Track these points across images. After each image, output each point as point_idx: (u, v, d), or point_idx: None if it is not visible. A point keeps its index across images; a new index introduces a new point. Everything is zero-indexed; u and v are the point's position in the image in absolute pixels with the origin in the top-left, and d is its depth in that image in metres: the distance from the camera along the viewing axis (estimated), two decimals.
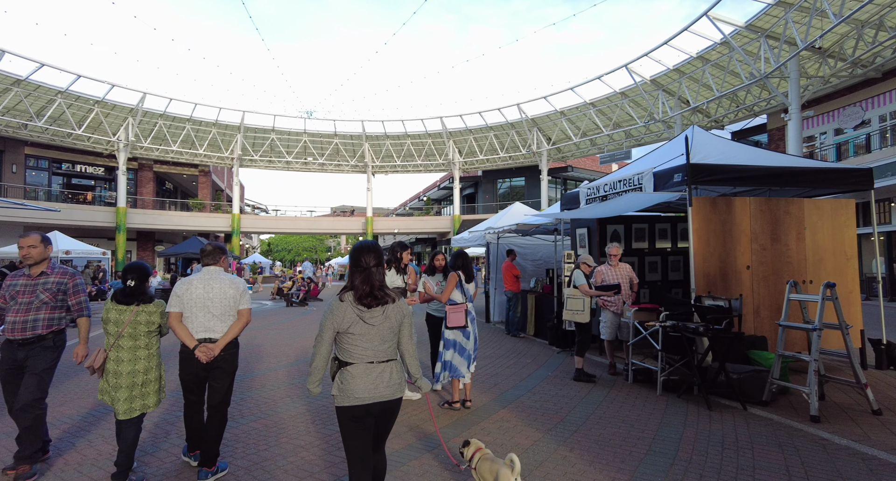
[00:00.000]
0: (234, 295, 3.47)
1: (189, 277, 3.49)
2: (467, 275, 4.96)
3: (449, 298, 4.84)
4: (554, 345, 8.36)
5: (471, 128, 30.75)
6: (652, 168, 6.35)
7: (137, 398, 3.27)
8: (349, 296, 2.51)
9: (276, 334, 10.06)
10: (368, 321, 2.49)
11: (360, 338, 2.48)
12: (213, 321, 3.38)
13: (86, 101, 25.73)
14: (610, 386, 5.72)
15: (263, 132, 31.55)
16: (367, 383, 2.45)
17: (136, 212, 29.30)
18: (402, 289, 5.10)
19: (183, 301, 3.37)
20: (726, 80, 20.51)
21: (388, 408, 2.53)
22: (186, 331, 3.35)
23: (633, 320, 5.88)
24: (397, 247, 5.19)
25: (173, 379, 4.78)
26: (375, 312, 2.51)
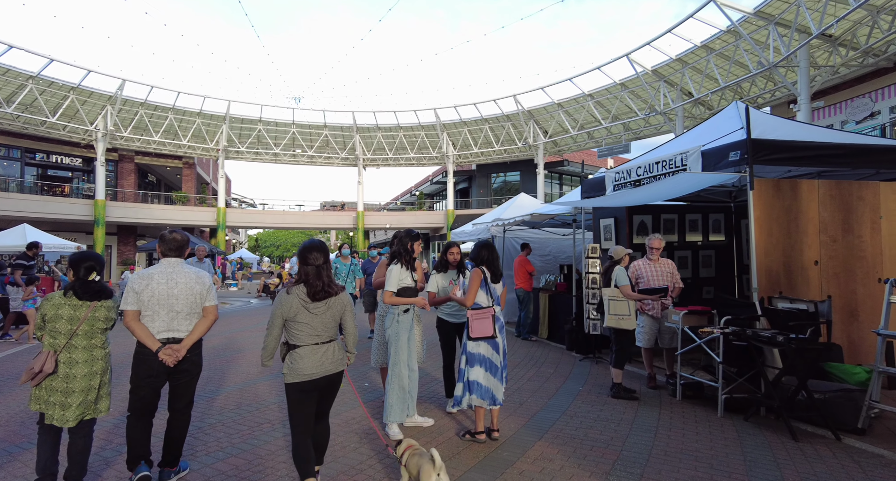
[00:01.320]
0: (200, 291, 3.14)
1: (147, 270, 3.10)
2: (494, 272, 3.94)
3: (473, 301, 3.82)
4: (574, 351, 7.39)
5: (465, 121, 29.67)
6: (699, 146, 5.37)
7: (91, 403, 2.92)
8: (299, 289, 2.84)
9: (260, 336, 8.96)
10: (312, 311, 2.84)
11: (305, 326, 2.84)
12: (177, 320, 3.06)
13: (60, 87, 24.17)
14: (657, 405, 4.74)
15: (250, 123, 30.16)
16: (314, 361, 2.83)
17: (117, 206, 27.81)
18: (413, 289, 4.07)
19: (142, 298, 2.99)
20: (731, 70, 19.68)
21: (333, 381, 2.93)
22: (146, 331, 2.99)
23: (682, 325, 4.92)
24: (405, 237, 4.14)
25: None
26: (319, 304, 2.85)
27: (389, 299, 3.94)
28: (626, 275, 5.13)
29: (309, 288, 2.83)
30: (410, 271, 4.08)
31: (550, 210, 7.77)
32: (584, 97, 25.41)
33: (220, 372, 6.27)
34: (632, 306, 5.05)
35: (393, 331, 4.02)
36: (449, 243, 4.66)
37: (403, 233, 4.18)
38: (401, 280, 3.98)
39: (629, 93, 23.94)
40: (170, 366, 2.99)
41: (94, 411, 2.94)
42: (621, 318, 5.04)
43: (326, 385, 2.90)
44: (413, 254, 4.12)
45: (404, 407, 3.95)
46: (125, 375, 3.46)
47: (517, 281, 8.40)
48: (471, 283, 3.81)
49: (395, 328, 4.02)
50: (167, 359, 2.96)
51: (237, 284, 24.97)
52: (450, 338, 4.60)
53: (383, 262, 4.94)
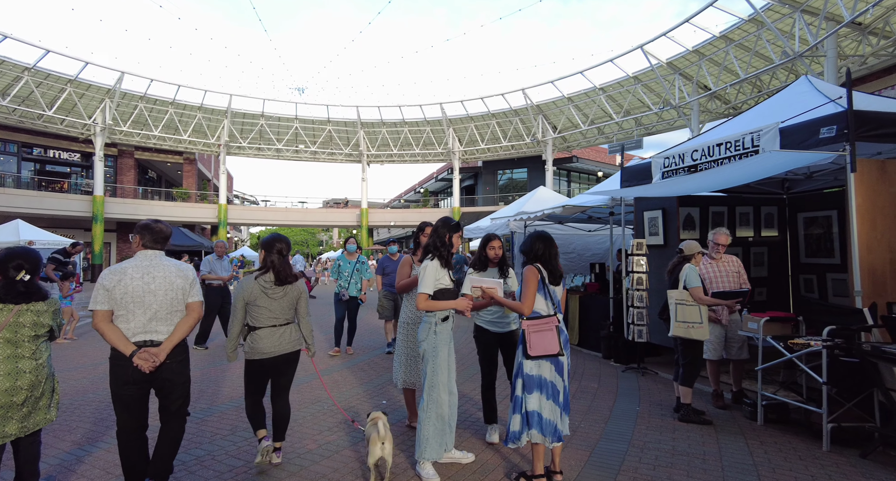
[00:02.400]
0: (183, 285, 2.80)
1: (120, 265, 2.74)
2: (552, 271, 3.09)
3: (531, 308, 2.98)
4: (612, 360, 6.53)
5: (472, 116, 28.80)
6: (776, 123, 4.51)
7: (25, 417, 2.54)
8: (268, 276, 3.20)
9: None
10: (271, 296, 3.19)
11: (264, 309, 3.18)
12: (155, 320, 2.71)
13: (57, 80, 23.32)
14: (738, 432, 3.89)
15: (252, 117, 29.31)
16: (273, 341, 3.18)
17: (116, 202, 26.99)
18: (453, 290, 3.22)
19: (114, 295, 2.64)
20: (751, 62, 18.76)
21: (289, 358, 3.28)
22: (119, 334, 2.64)
23: (763, 335, 4.07)
24: (443, 228, 3.27)
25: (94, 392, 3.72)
26: (277, 290, 3.20)
27: (425, 303, 3.09)
28: (698, 275, 4.28)
29: (277, 274, 3.18)
30: (448, 270, 3.24)
31: (585, 201, 6.91)
32: (595, 91, 24.52)
33: (215, 384, 5.43)
34: (704, 312, 4.19)
35: (430, 344, 3.18)
36: (488, 236, 3.82)
37: (440, 222, 3.32)
38: (438, 280, 3.13)
39: (642, 86, 23.04)
40: (146, 373, 2.63)
41: (35, 424, 2.59)
42: (691, 327, 4.19)
43: (283, 362, 3.25)
44: (452, 249, 3.27)
45: (442, 441, 3.11)
46: None
47: None
48: (526, 285, 2.96)
49: (432, 341, 3.18)
50: (143, 365, 2.59)
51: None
52: (490, 352, 3.76)
53: (406, 260, 4.09)
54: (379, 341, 8.06)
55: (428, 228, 3.99)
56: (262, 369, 3.20)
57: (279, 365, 3.23)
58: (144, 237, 2.79)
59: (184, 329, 2.77)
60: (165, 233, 2.86)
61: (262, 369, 3.20)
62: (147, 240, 2.79)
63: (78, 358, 6.85)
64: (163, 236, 2.85)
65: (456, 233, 3.31)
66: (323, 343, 7.88)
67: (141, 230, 2.81)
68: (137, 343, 2.65)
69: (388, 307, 7.05)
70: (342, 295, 7.13)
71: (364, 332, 8.81)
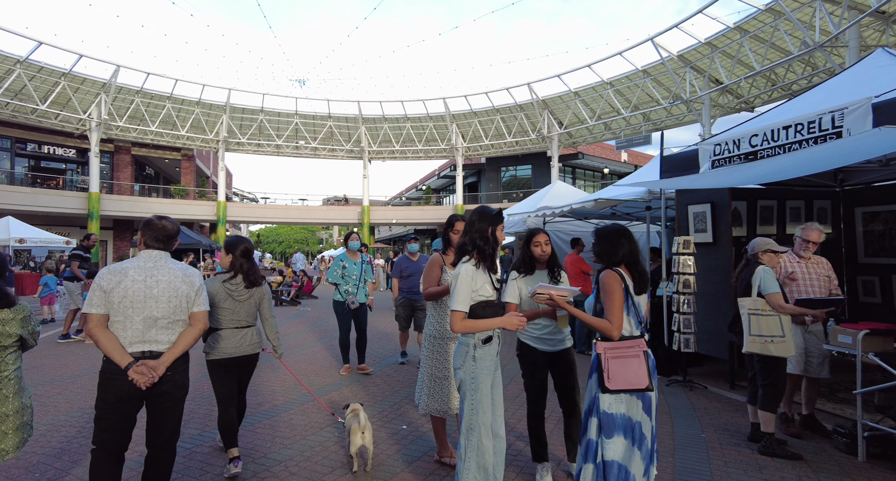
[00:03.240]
0: (188, 292, 2.48)
1: (120, 264, 2.43)
2: (640, 277, 2.38)
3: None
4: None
5: (476, 111, 28.05)
6: (869, 98, 3.81)
7: None
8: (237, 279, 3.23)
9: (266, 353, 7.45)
10: (237, 298, 3.23)
11: (228, 311, 3.20)
12: (156, 328, 2.39)
13: (50, 73, 22.53)
14: (837, 472, 3.19)
15: (251, 112, 28.53)
16: (234, 343, 3.19)
17: (112, 199, 26.23)
18: (497, 304, 2.50)
19: (111, 298, 2.33)
20: (766, 55, 18.04)
21: (249, 361, 3.31)
22: (115, 342, 2.33)
23: (861, 351, 3.38)
24: (482, 221, 2.52)
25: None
26: (243, 292, 3.25)
27: (461, 325, 2.34)
28: (775, 278, 3.57)
29: (247, 277, 3.25)
30: (489, 274, 2.51)
31: (618, 194, 6.21)
32: (602, 85, 23.80)
33: (209, 403, 4.73)
34: (786, 324, 3.49)
35: (467, 373, 2.44)
36: (533, 230, 3.11)
37: (477, 214, 2.54)
38: (476, 290, 2.39)
39: (652, 80, 22.32)
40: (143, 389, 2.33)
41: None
42: (770, 341, 3.49)
43: (243, 364, 3.29)
44: (497, 245, 2.54)
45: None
46: None
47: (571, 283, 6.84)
48: (610, 297, 2.27)
49: (470, 369, 2.44)
50: (139, 380, 2.31)
51: None
52: (539, 375, 3.06)
53: (435, 261, 3.38)
54: (389, 349, 7.33)
55: (460, 223, 3.30)
56: (227, 368, 3.21)
57: (240, 366, 3.29)
58: (146, 235, 2.52)
59: (187, 340, 2.50)
60: (169, 231, 2.54)
61: (227, 368, 3.21)
62: (148, 237, 2.52)
63: (56, 368, 6.14)
64: (165, 234, 2.53)
65: (499, 224, 2.55)
66: (329, 360, 6.67)
67: (143, 227, 2.56)
68: (134, 354, 2.36)
69: (405, 315, 6.06)
70: (349, 303, 5.72)
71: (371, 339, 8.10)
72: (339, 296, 5.80)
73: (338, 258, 5.95)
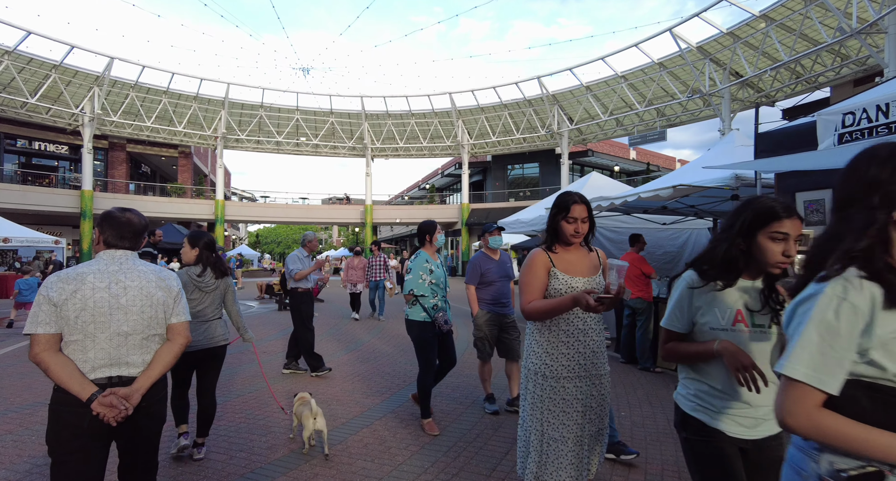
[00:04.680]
0: (164, 299, 2.03)
1: (75, 269, 1.92)
2: None
3: None
4: None
5: (483, 106, 26.97)
6: None
7: None
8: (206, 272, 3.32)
9: (267, 361, 6.30)
10: (204, 289, 3.28)
11: (195, 302, 3.22)
12: (126, 346, 1.92)
13: (41, 65, 21.31)
14: None
15: (251, 108, 27.37)
16: (199, 335, 3.18)
17: (106, 197, 25.01)
18: None
19: (64, 312, 1.84)
20: (795, 45, 17.00)
21: (215, 353, 3.32)
22: (71, 369, 1.83)
23: None
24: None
25: None
26: (211, 283, 3.31)
27: None
28: None
29: (215, 268, 3.35)
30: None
31: (699, 180, 5.08)
32: (616, 79, 22.76)
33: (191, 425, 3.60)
34: None
35: None
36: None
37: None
38: None
39: (667, 73, 21.28)
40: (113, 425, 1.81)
41: None
42: None
43: (208, 357, 3.29)
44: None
45: None
46: None
47: (631, 287, 5.75)
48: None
49: None
50: (109, 415, 1.79)
51: (237, 283, 22.22)
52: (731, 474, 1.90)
53: (539, 260, 2.22)
54: (464, 390, 4.95)
55: (578, 207, 2.19)
56: (186, 362, 3.18)
57: (205, 359, 3.30)
58: (105, 231, 2.01)
59: (166, 360, 2.03)
60: (135, 226, 2.07)
61: (186, 362, 3.18)
62: (110, 234, 2.01)
63: (16, 392, 4.98)
64: (131, 230, 2.05)
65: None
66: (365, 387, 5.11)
67: (101, 221, 2.05)
68: (99, 381, 1.86)
69: (490, 338, 4.24)
70: (440, 324, 3.79)
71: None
72: (424, 314, 3.78)
73: (420, 257, 3.90)
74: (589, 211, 2.19)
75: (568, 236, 2.18)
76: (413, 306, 3.82)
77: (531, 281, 2.18)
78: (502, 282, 4.26)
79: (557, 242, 2.23)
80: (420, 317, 3.79)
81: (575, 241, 2.20)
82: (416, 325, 3.82)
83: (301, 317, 5.60)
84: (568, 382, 2.12)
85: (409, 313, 3.85)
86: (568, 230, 2.18)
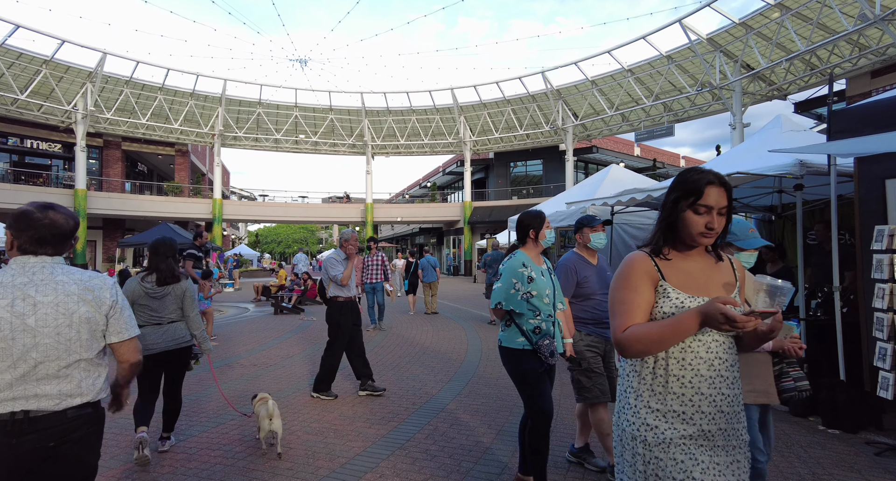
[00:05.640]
0: (90, 316, 1.67)
1: None
2: None
3: None
4: (837, 428, 3.90)
5: (485, 102, 26.17)
6: None
7: None
8: (151, 277, 3.32)
9: (262, 377, 5.52)
10: (153, 295, 3.31)
11: (146, 307, 3.28)
12: (34, 377, 1.58)
13: (31, 60, 20.50)
14: None
15: (248, 105, 26.55)
16: (155, 338, 3.25)
17: (100, 196, 24.23)
18: None
19: None
20: (811, 36, 16.20)
21: (177, 355, 3.36)
22: None
23: None
24: None
25: None
26: (157, 290, 3.31)
27: None
28: None
29: (159, 275, 3.32)
30: None
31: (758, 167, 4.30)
32: (622, 73, 21.95)
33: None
34: None
35: None
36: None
37: None
38: None
39: (676, 66, 20.48)
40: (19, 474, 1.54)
41: None
42: None
43: (168, 360, 3.34)
44: None
45: None
46: None
47: None
48: None
49: None
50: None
51: (234, 284, 21.42)
52: None
53: (640, 263, 1.47)
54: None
55: (715, 190, 1.42)
56: (149, 365, 3.13)
57: (167, 360, 3.34)
58: (19, 235, 1.64)
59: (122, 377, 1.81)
60: (61, 229, 1.68)
61: (149, 365, 3.13)
62: (25, 239, 1.64)
63: None
64: (54, 233, 1.66)
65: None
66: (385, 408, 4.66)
67: (12, 222, 1.65)
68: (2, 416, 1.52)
69: (597, 369, 3.05)
70: (545, 354, 2.66)
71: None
72: (522, 340, 2.70)
73: (516, 260, 2.76)
74: (730, 199, 1.43)
75: (695, 234, 1.42)
76: (508, 327, 2.76)
77: (629, 298, 1.43)
78: (603, 296, 3.09)
79: (673, 243, 1.47)
80: (517, 343, 2.70)
81: (704, 242, 1.44)
82: (511, 355, 2.73)
83: (338, 330, 4.74)
84: (686, 454, 1.36)
85: (504, 338, 2.78)
86: (696, 224, 1.41)
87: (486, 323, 9.65)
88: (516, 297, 2.69)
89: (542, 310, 2.71)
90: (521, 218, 2.90)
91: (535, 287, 2.70)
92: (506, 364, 2.82)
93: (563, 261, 3.20)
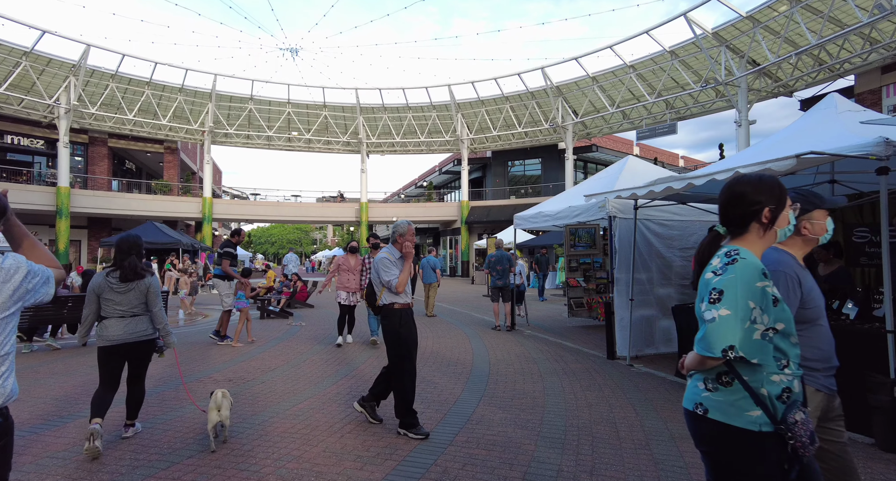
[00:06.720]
0: None
1: None
2: None
3: None
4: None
5: (483, 99, 25.41)
6: None
7: None
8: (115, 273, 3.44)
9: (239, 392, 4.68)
10: (117, 290, 3.42)
11: (111, 301, 3.41)
12: None
13: (10, 52, 19.49)
14: None
15: (240, 101, 25.62)
16: (119, 330, 3.37)
17: (85, 194, 23.20)
18: None
19: None
20: (822, 31, 15.56)
21: (139, 348, 3.46)
22: None
23: None
24: None
25: None
26: (121, 285, 3.42)
27: None
28: None
29: (122, 272, 3.42)
30: None
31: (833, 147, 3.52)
32: (623, 69, 21.26)
33: None
34: None
35: None
36: None
37: None
38: None
39: (679, 62, 19.81)
40: None
41: None
42: None
43: (131, 351, 3.44)
44: None
45: None
46: None
47: None
48: None
49: None
50: None
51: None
52: None
53: None
54: None
55: None
56: (112, 355, 3.37)
57: (130, 352, 3.43)
58: None
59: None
60: None
61: (112, 355, 3.37)
62: None
63: None
64: None
65: None
66: None
67: None
68: None
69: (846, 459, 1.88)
70: (803, 440, 1.39)
71: None
72: (757, 414, 1.44)
73: (749, 266, 1.47)
74: None
75: None
76: (724, 387, 1.50)
77: None
78: (826, 320, 1.94)
79: None
80: (746, 420, 1.45)
81: None
82: (730, 438, 1.47)
83: (401, 343, 3.64)
84: None
85: (712, 402, 1.51)
86: None
87: (489, 328, 8.87)
88: (754, 335, 1.46)
89: (790, 357, 1.53)
90: (739, 189, 1.62)
91: (781, 316, 1.51)
92: (713, 449, 1.52)
93: (777, 264, 1.89)
